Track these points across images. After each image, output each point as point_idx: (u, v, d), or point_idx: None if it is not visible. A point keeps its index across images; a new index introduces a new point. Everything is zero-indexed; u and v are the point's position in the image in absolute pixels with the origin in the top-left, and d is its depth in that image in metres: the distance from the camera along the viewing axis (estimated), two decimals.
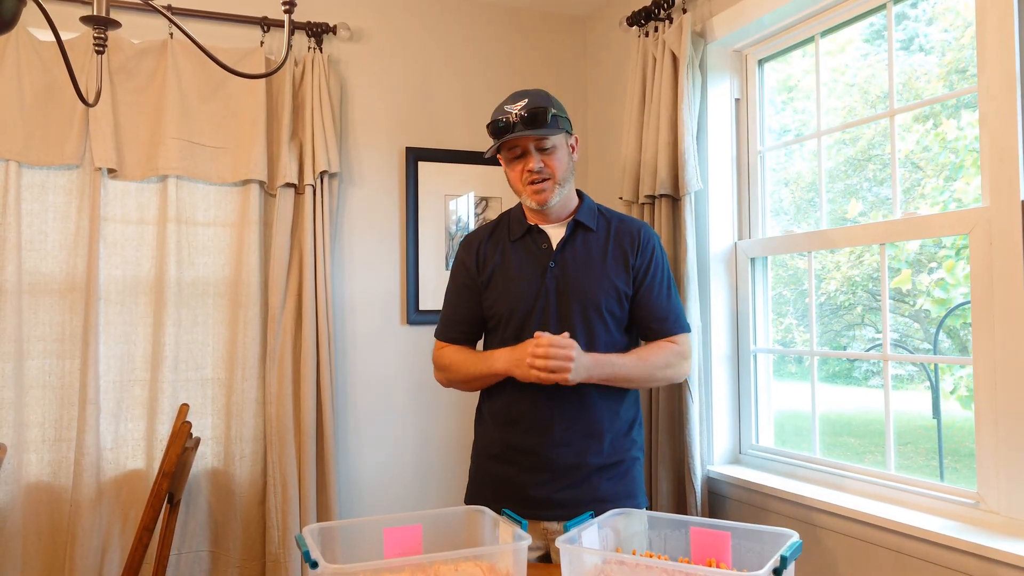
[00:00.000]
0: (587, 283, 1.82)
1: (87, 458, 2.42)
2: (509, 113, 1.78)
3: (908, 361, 2.28)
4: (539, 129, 1.76)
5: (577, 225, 1.88)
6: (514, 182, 1.86)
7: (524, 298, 1.83)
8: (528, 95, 1.81)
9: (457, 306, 1.96)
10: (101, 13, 1.27)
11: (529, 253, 1.87)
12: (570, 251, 1.85)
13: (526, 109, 1.77)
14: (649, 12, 2.55)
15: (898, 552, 1.79)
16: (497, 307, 1.87)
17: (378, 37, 2.95)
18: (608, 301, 1.83)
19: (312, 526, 1.36)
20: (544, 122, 1.77)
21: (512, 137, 1.77)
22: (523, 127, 1.76)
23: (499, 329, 1.89)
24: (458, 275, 1.97)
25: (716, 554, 1.40)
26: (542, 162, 1.80)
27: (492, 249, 1.92)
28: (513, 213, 1.95)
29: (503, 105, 1.82)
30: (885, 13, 2.02)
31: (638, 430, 1.91)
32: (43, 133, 2.46)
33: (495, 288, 1.88)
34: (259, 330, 2.65)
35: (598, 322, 1.82)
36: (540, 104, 1.79)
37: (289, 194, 2.69)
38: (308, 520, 2.61)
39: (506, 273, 1.88)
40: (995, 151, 1.66)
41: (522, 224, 1.90)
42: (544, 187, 1.80)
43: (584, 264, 1.84)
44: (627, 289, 1.85)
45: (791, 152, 2.42)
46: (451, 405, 2.99)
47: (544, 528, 1.82)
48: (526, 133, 1.76)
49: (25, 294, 2.45)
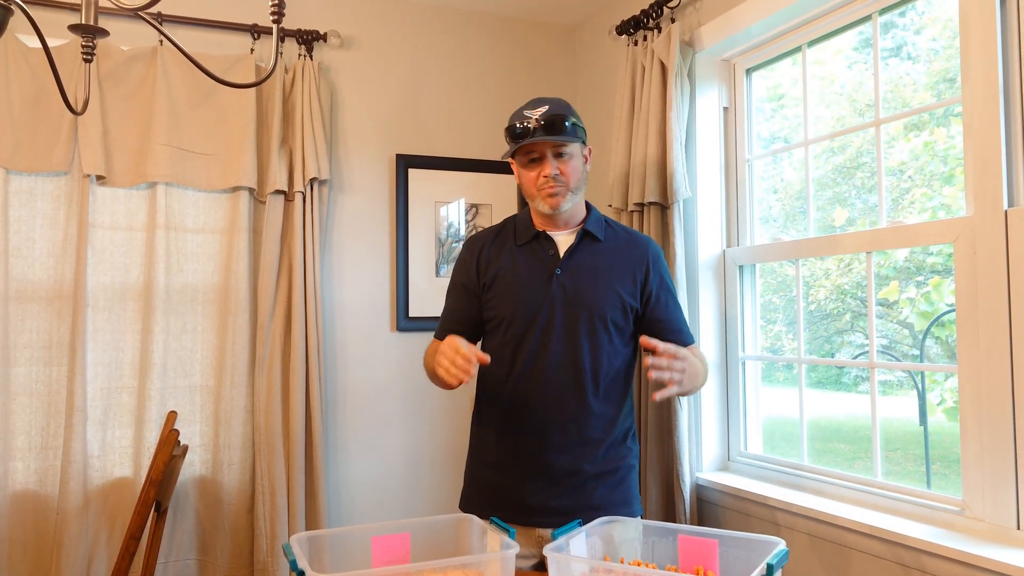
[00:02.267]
0: (593, 292, 1.83)
1: (74, 466, 2.40)
2: (529, 118, 1.79)
3: (894, 369, 2.29)
4: (558, 135, 1.78)
5: (585, 234, 1.88)
6: (527, 186, 1.86)
7: (529, 302, 1.83)
8: (548, 102, 1.82)
9: (454, 307, 1.96)
10: (89, 21, 1.27)
11: (536, 258, 1.87)
12: (578, 259, 1.86)
13: (545, 116, 1.78)
14: (638, 21, 2.57)
15: (884, 559, 1.80)
16: (500, 309, 1.86)
17: (368, 44, 2.95)
18: (613, 312, 1.83)
19: (300, 535, 1.36)
20: (563, 129, 1.78)
21: (531, 141, 1.78)
22: (543, 132, 1.77)
23: (499, 331, 1.88)
24: (458, 275, 1.97)
25: (704, 562, 1.40)
26: (558, 168, 1.81)
27: (497, 252, 1.92)
28: (520, 218, 1.95)
29: (522, 110, 1.82)
30: (871, 23, 2.04)
31: (633, 439, 1.92)
32: (31, 139, 2.45)
33: (499, 290, 1.87)
34: (248, 337, 2.64)
35: (602, 332, 1.83)
36: (560, 112, 1.80)
37: (279, 201, 2.69)
38: (296, 528, 2.60)
39: (512, 276, 1.87)
40: (979, 160, 1.68)
41: (529, 229, 1.90)
42: (558, 192, 1.81)
43: (591, 273, 1.85)
44: (633, 302, 1.86)
45: (779, 160, 2.44)
46: (440, 412, 2.98)
47: (539, 536, 1.82)
48: (546, 138, 1.77)
49: (12, 301, 2.44)
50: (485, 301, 1.90)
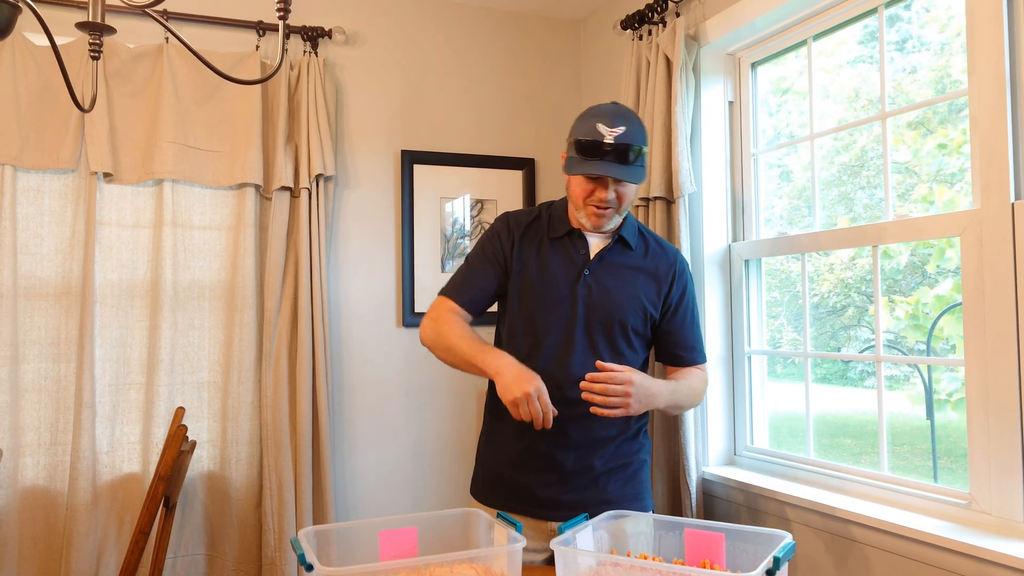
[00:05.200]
0: (618, 298, 1.82)
1: (83, 462, 2.42)
2: (602, 136, 1.70)
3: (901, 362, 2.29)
4: (628, 169, 1.71)
5: (619, 240, 1.86)
6: (577, 196, 1.79)
7: (553, 298, 1.82)
8: (626, 121, 1.72)
9: (476, 275, 1.89)
10: (97, 19, 1.27)
11: (567, 255, 1.85)
12: (607, 263, 1.84)
13: (621, 140, 1.69)
14: (643, 16, 2.57)
15: (891, 552, 1.80)
16: (522, 297, 1.85)
17: (373, 41, 2.95)
18: (635, 320, 1.83)
19: (308, 529, 1.37)
20: (633, 160, 1.72)
21: (600, 173, 1.70)
22: (613, 158, 1.69)
23: (514, 316, 1.86)
24: (489, 244, 1.90)
25: (710, 555, 1.41)
26: (615, 193, 1.76)
27: (531, 238, 1.88)
28: (555, 210, 1.91)
29: (596, 122, 1.72)
30: (877, 17, 2.03)
31: (644, 435, 1.93)
32: (39, 137, 2.46)
33: (526, 278, 1.85)
34: (255, 333, 2.65)
35: (621, 338, 1.83)
36: (635, 141, 1.71)
37: (285, 197, 2.70)
38: (304, 523, 2.61)
39: (540, 269, 1.85)
40: (985, 154, 1.67)
41: (564, 224, 1.87)
42: (606, 215, 1.77)
43: (618, 279, 1.84)
44: (653, 312, 1.86)
45: (784, 155, 2.43)
46: (447, 407, 2.99)
47: (551, 529, 1.83)
48: (615, 174, 1.69)
49: (21, 298, 2.45)
50: (511, 284, 1.87)
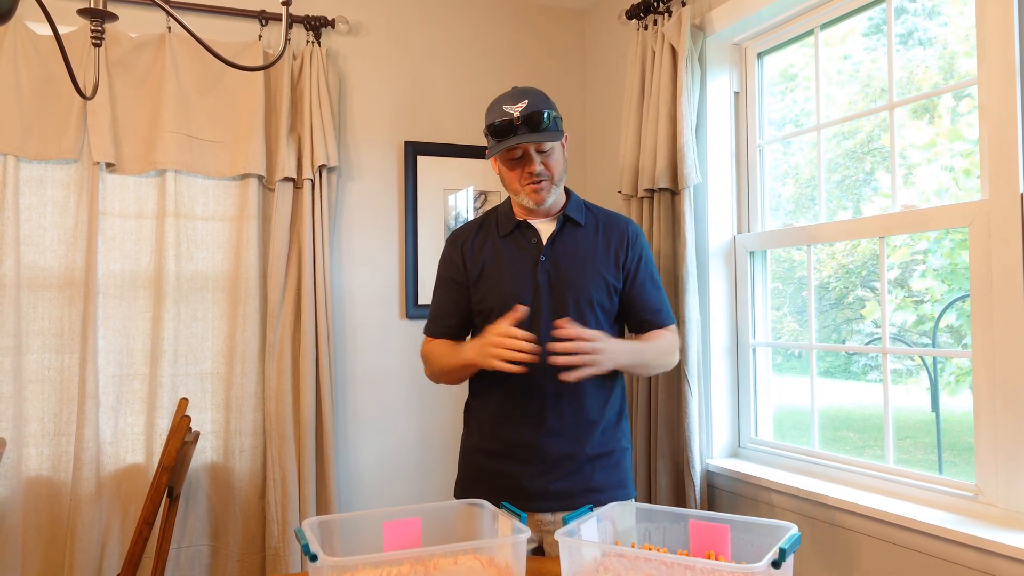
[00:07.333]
0: (578, 276, 1.84)
1: (86, 452, 2.42)
2: (509, 114, 1.78)
3: (907, 355, 2.28)
4: (542, 134, 1.77)
5: (566, 220, 1.90)
6: (510, 182, 1.87)
7: (516, 292, 1.84)
8: (527, 95, 1.81)
9: (444, 302, 1.97)
10: (98, 6, 1.26)
11: (520, 248, 1.89)
12: (560, 245, 1.87)
13: (526, 111, 1.77)
14: (648, 5, 2.55)
15: (897, 544, 1.79)
16: (488, 301, 1.88)
17: (377, 31, 2.94)
18: (599, 294, 1.85)
19: (311, 519, 1.37)
20: (544, 125, 1.78)
21: (516, 143, 1.76)
22: (525, 130, 1.77)
23: (489, 323, 1.87)
24: (445, 271, 1.98)
25: (715, 547, 1.40)
26: (542, 164, 1.81)
27: (480, 245, 1.93)
28: (500, 209, 1.97)
29: (501, 104, 1.81)
30: (885, 6, 2.01)
31: (625, 420, 1.94)
32: (41, 127, 2.45)
33: (486, 283, 1.89)
34: (258, 324, 2.65)
35: (590, 314, 1.84)
36: (539, 107, 1.79)
37: (288, 188, 2.69)
38: (308, 514, 2.61)
39: (497, 268, 1.89)
40: (994, 144, 1.65)
41: (511, 220, 1.92)
42: (542, 187, 1.83)
43: (574, 258, 1.86)
44: (616, 283, 1.88)
45: (790, 145, 2.41)
46: (450, 399, 2.99)
47: (538, 520, 1.83)
48: (529, 139, 1.76)
49: (24, 288, 2.45)
50: (473, 294, 1.91)
